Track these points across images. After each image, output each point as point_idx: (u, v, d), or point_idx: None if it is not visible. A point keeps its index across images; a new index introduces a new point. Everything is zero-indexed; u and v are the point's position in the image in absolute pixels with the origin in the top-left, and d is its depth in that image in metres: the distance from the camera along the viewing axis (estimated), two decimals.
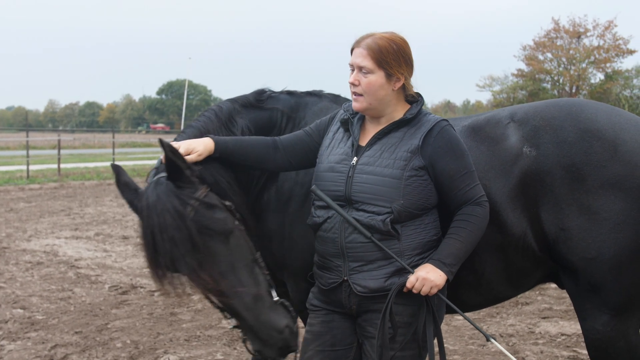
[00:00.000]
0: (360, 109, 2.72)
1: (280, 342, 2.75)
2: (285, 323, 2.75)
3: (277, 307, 2.78)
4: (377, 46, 2.64)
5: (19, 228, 11.65)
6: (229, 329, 5.90)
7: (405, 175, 2.59)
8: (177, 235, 2.61)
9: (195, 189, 2.73)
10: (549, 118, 2.90)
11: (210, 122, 3.21)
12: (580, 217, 2.74)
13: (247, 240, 2.84)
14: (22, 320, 6.22)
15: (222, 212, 2.74)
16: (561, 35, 43.60)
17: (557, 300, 6.94)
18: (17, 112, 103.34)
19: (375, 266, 2.63)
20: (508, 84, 47.12)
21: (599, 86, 42.10)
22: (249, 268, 2.77)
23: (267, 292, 2.78)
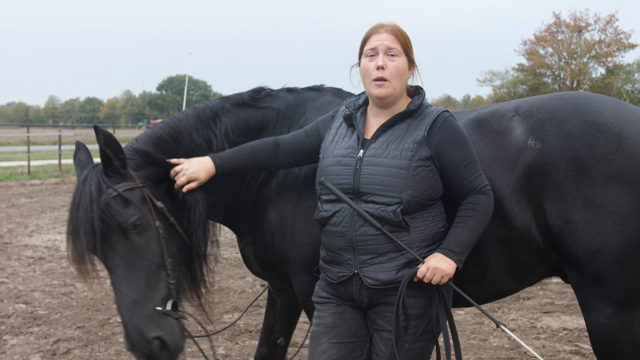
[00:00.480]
0: (385, 95, 2.68)
1: (146, 350, 2.77)
2: (155, 335, 2.76)
3: (159, 317, 2.79)
4: (400, 32, 2.72)
5: (20, 223, 11.65)
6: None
7: (413, 166, 2.60)
8: (82, 216, 2.76)
9: (122, 180, 2.85)
10: (553, 111, 2.88)
11: (185, 120, 3.21)
12: (584, 209, 2.73)
13: (162, 245, 2.87)
14: (25, 315, 6.22)
15: (134, 210, 2.80)
16: (562, 29, 43.53)
17: (559, 295, 6.94)
18: (17, 108, 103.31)
19: (386, 258, 2.63)
20: (509, 78, 47.11)
21: (600, 81, 42.03)
22: (147, 271, 2.80)
23: (156, 300, 2.80)
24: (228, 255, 9.07)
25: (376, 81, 2.67)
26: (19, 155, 30.17)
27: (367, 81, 2.72)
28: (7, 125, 60.47)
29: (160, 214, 2.91)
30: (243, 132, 3.32)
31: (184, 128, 3.18)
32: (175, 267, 2.92)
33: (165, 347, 2.80)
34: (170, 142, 3.11)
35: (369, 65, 2.70)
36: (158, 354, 2.79)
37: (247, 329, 5.82)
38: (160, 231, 2.87)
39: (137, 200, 2.84)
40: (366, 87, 2.76)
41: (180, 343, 2.86)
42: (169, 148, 3.10)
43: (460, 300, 2.86)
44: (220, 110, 3.31)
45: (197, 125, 3.23)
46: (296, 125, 3.37)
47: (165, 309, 2.82)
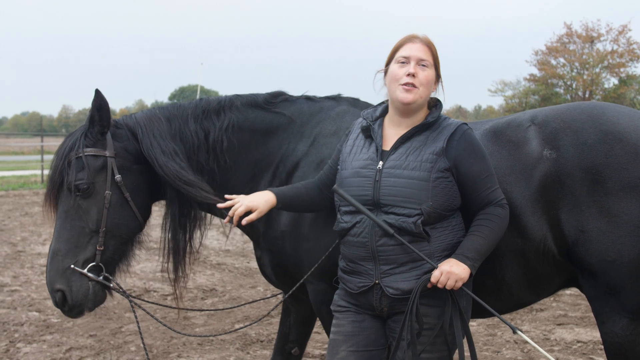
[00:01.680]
0: (411, 101, 2.69)
1: (52, 298, 3.03)
2: (58, 287, 2.99)
3: (71, 273, 2.99)
4: (432, 45, 2.77)
5: (33, 232, 11.73)
6: (240, 333, 5.91)
7: (433, 177, 2.61)
8: (53, 164, 3.14)
9: (94, 145, 3.10)
10: (569, 120, 2.88)
11: (186, 106, 3.35)
12: (600, 219, 2.72)
13: (103, 214, 3.05)
14: (38, 323, 6.25)
15: (85, 175, 3.04)
16: (574, 40, 43.32)
17: (572, 306, 6.88)
18: (31, 117, 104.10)
19: (407, 268, 2.64)
20: (520, 88, 46.91)
21: (613, 91, 41.75)
22: (80, 231, 3.03)
23: (77, 259, 3.00)
24: (239, 264, 9.08)
25: (405, 86, 2.69)
26: (33, 164, 30.41)
27: (394, 85, 2.73)
28: (20, 135, 61.02)
29: (116, 186, 3.09)
30: (247, 132, 3.36)
31: (181, 113, 3.30)
32: (111, 238, 3.09)
33: (66, 301, 3.00)
34: (163, 121, 3.25)
35: (399, 71, 2.71)
36: (59, 304, 3.02)
37: (258, 338, 5.82)
38: (106, 201, 3.05)
39: (94, 168, 3.06)
40: (392, 91, 2.75)
41: (83, 301, 3.02)
42: (161, 125, 3.22)
43: (475, 311, 2.85)
44: (228, 105, 3.37)
45: (196, 113, 3.32)
46: (309, 134, 3.37)
47: (80, 268, 3.00)
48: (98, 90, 3.10)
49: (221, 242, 10.80)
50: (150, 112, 3.34)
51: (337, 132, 3.33)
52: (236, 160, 3.36)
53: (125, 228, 3.15)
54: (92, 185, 3.05)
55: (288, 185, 3.11)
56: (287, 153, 3.36)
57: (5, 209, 15.01)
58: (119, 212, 3.10)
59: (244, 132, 3.36)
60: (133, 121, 3.26)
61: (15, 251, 9.86)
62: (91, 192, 3.05)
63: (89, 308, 3.07)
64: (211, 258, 9.46)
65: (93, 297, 3.05)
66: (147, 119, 3.26)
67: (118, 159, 3.13)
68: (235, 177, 3.37)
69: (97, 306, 3.11)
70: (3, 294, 7.33)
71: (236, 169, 3.37)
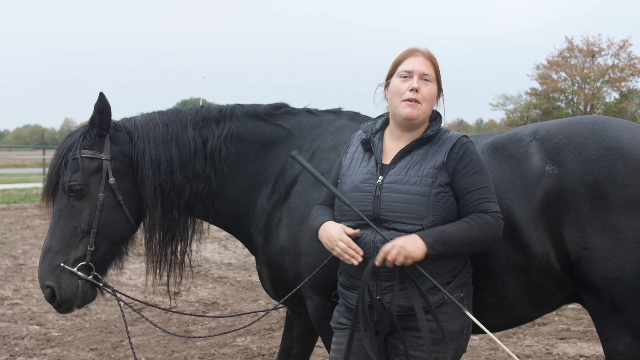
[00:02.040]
0: (415, 117, 2.66)
1: (43, 293, 3.12)
2: (47, 283, 3.08)
3: (60, 271, 3.06)
4: (434, 59, 2.74)
5: (35, 245, 11.70)
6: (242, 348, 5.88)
7: (434, 192, 2.57)
8: (52, 162, 3.21)
9: (91, 147, 3.16)
10: (571, 136, 2.86)
11: (187, 113, 3.38)
12: (603, 236, 2.71)
13: (95, 216, 3.11)
14: (38, 336, 6.23)
15: (79, 177, 3.09)
16: (575, 54, 43.44)
17: (575, 321, 6.85)
18: (33, 130, 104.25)
19: (408, 285, 2.59)
20: (522, 102, 46.98)
21: (614, 105, 41.80)
22: (72, 231, 3.10)
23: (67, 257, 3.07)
24: (241, 278, 9.05)
25: (408, 101, 2.66)
26: (34, 177, 30.43)
27: (396, 100, 2.70)
28: (22, 148, 61.12)
29: (109, 189, 3.14)
30: (246, 143, 3.37)
31: (180, 119, 3.33)
32: (102, 239, 3.15)
33: (55, 297, 3.09)
34: (160, 126, 3.29)
35: (401, 86, 2.68)
36: (49, 299, 3.12)
37: (260, 352, 5.79)
38: (99, 203, 3.11)
39: (89, 170, 3.12)
40: (394, 106, 2.72)
41: (71, 298, 3.10)
42: (157, 131, 3.26)
43: (476, 326, 2.84)
44: (229, 114, 3.39)
45: (196, 120, 3.35)
46: (309, 147, 3.37)
47: (71, 267, 3.07)
48: (102, 94, 3.17)
49: (222, 256, 10.78)
50: (150, 116, 3.38)
51: (336, 146, 3.33)
52: (234, 170, 3.37)
53: (117, 230, 3.20)
54: (86, 187, 3.11)
55: (319, 210, 2.91)
56: (285, 166, 3.37)
57: (7, 222, 15.00)
58: (111, 214, 3.15)
59: (242, 142, 3.37)
60: (132, 124, 3.31)
61: (16, 264, 9.84)
62: (85, 194, 3.11)
63: (78, 305, 3.14)
64: (212, 271, 9.43)
65: (82, 295, 3.12)
66: (145, 124, 3.30)
67: (114, 162, 3.18)
68: (234, 187, 3.38)
69: (86, 304, 3.18)
70: (4, 307, 7.30)
71: (234, 178, 3.37)
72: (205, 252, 3.32)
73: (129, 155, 3.24)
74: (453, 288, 2.63)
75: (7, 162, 44.68)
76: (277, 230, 3.26)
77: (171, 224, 3.31)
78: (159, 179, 3.21)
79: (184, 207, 3.31)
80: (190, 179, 3.26)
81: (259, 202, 3.39)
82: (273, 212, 3.32)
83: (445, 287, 2.60)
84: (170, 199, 3.24)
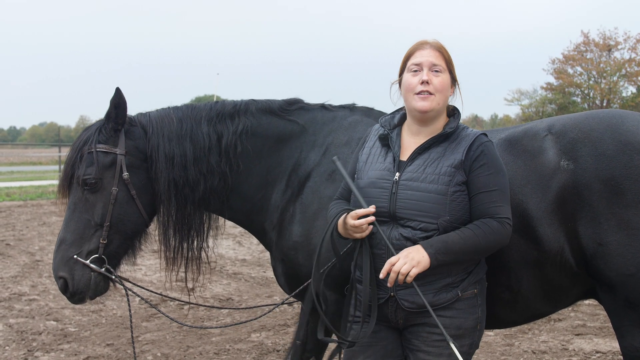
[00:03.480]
0: (428, 109, 2.63)
1: (56, 281, 3.16)
2: (61, 274, 3.13)
3: (74, 263, 3.11)
4: (443, 48, 2.70)
5: (51, 242, 11.81)
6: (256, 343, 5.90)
7: (451, 191, 2.55)
8: (69, 155, 3.25)
9: (107, 141, 3.19)
10: (587, 130, 2.82)
11: (202, 109, 3.39)
12: (619, 232, 2.68)
13: (109, 209, 3.15)
14: (56, 332, 6.29)
15: (94, 171, 3.13)
16: (591, 48, 43.05)
17: (591, 316, 6.80)
18: (49, 128, 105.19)
19: (423, 282, 2.57)
20: (537, 97, 46.66)
21: (631, 99, 41.40)
22: (86, 224, 3.14)
23: (81, 249, 3.12)
24: (255, 274, 9.08)
25: (420, 94, 2.63)
26: (50, 175, 30.69)
27: (409, 95, 2.67)
28: (38, 145, 61.67)
29: (123, 183, 3.17)
30: (260, 138, 3.38)
31: (194, 114, 3.35)
32: (115, 232, 3.18)
33: (68, 288, 3.14)
34: (174, 121, 3.30)
35: (412, 80, 2.66)
36: (62, 290, 3.17)
37: (275, 348, 5.81)
38: (112, 197, 3.14)
39: (103, 164, 3.16)
40: (408, 100, 2.69)
41: (84, 290, 3.15)
42: (171, 126, 3.28)
43: (490, 322, 2.83)
44: (243, 109, 3.40)
45: (211, 116, 3.36)
46: (322, 143, 3.37)
47: (83, 259, 3.12)
48: (118, 89, 3.19)
49: (237, 252, 10.82)
50: (164, 111, 3.40)
51: (349, 142, 3.32)
52: (249, 166, 3.38)
53: (130, 224, 3.23)
54: (100, 181, 3.15)
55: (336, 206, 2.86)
56: (299, 162, 3.38)
57: (24, 219, 15.15)
58: (124, 208, 3.19)
59: (257, 138, 3.38)
60: (146, 119, 3.33)
61: (33, 261, 9.94)
62: (98, 187, 3.15)
63: (90, 297, 3.19)
64: (227, 267, 9.47)
65: (94, 287, 3.16)
66: (160, 119, 3.33)
67: (128, 156, 3.22)
68: (248, 183, 3.39)
69: (98, 296, 3.22)
70: (21, 303, 7.39)
71: (248, 174, 3.38)
72: (219, 249, 3.34)
73: (143, 150, 3.26)
74: (467, 285, 2.62)
75: (24, 160, 45.12)
76: (291, 225, 3.27)
77: (186, 218, 3.33)
78: (173, 174, 3.23)
79: (199, 202, 3.32)
80: (204, 174, 3.28)
81: (273, 198, 3.40)
82: (286, 208, 3.34)
83: (460, 284, 2.60)
84: (185, 194, 3.26)
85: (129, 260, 3.36)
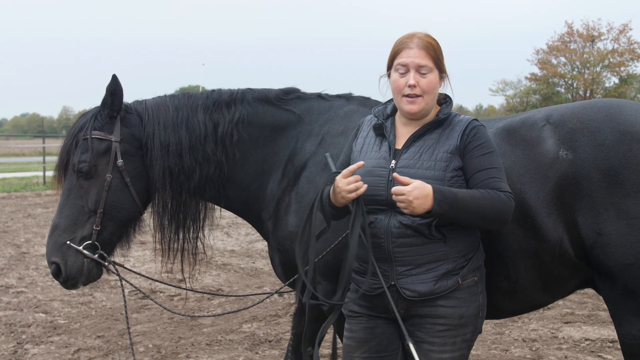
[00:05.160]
0: (417, 111, 2.62)
1: (49, 266, 3.18)
2: (53, 260, 3.14)
3: (67, 248, 3.12)
4: (430, 45, 2.64)
5: (37, 233, 11.72)
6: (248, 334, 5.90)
7: (448, 177, 2.54)
8: (65, 140, 3.27)
9: (102, 128, 3.20)
10: (586, 120, 2.82)
11: (198, 97, 3.39)
12: (618, 221, 2.68)
13: (102, 196, 3.15)
14: (45, 324, 6.25)
15: (88, 158, 3.14)
16: (575, 39, 43.25)
17: (579, 305, 6.87)
18: (31, 118, 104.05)
19: (424, 269, 2.57)
20: (521, 88, 46.88)
21: (614, 90, 41.71)
22: (79, 210, 3.15)
23: (74, 235, 3.13)
24: (245, 265, 9.07)
25: (407, 97, 2.61)
26: (34, 166, 30.40)
27: (397, 96, 2.66)
28: (21, 136, 60.97)
29: (117, 170, 3.18)
30: (256, 127, 3.38)
31: (191, 103, 3.34)
32: (109, 219, 3.18)
33: (61, 273, 3.15)
34: (170, 109, 3.30)
35: (400, 81, 2.63)
36: (54, 275, 3.18)
37: (267, 338, 5.81)
38: (106, 184, 3.15)
39: (98, 151, 3.16)
40: (397, 101, 2.68)
41: (77, 276, 3.15)
42: (167, 114, 3.28)
43: (489, 313, 2.83)
44: (239, 98, 3.40)
45: (207, 104, 3.36)
46: (317, 133, 3.36)
47: (77, 245, 3.12)
48: (115, 76, 3.20)
49: (226, 243, 10.80)
50: (161, 99, 3.40)
51: (345, 131, 3.31)
52: (245, 155, 3.37)
53: (124, 212, 3.23)
54: (95, 168, 3.16)
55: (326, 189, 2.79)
56: (295, 151, 3.37)
57: (8, 211, 15.00)
58: (118, 195, 3.19)
59: (253, 127, 3.38)
60: (142, 107, 3.33)
61: (19, 253, 9.85)
62: (93, 174, 3.16)
63: (83, 282, 3.19)
64: (216, 258, 9.45)
65: (87, 273, 3.17)
66: (156, 107, 3.33)
67: (123, 144, 3.21)
68: (244, 172, 3.39)
69: (91, 282, 3.22)
70: (9, 296, 7.32)
71: (244, 163, 3.38)
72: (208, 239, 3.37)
73: (138, 137, 3.26)
74: (467, 272, 2.61)
75: (6, 151, 44.66)
76: (287, 215, 3.27)
77: (181, 206, 3.32)
78: (168, 162, 3.22)
79: (194, 190, 3.31)
80: (200, 162, 3.27)
81: (269, 187, 3.39)
82: (282, 198, 3.33)
83: (460, 271, 2.59)
84: (180, 182, 3.25)
85: (122, 248, 3.36)
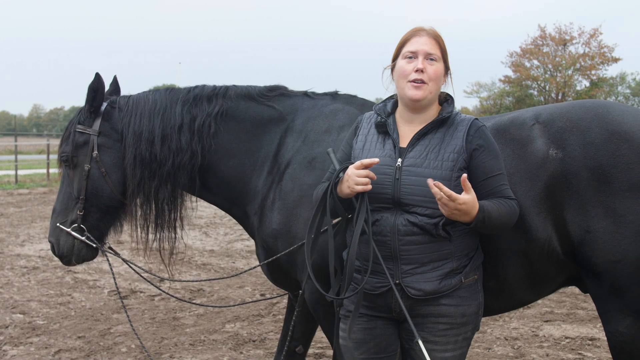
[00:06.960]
0: (421, 97, 2.62)
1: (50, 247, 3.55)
2: (50, 239, 3.52)
3: (59, 230, 3.46)
4: (439, 37, 2.70)
5: (11, 233, 11.51)
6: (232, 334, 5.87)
7: (454, 176, 2.55)
8: (63, 135, 3.56)
9: (84, 122, 3.46)
10: (575, 119, 2.87)
11: (178, 92, 3.50)
12: (606, 219, 2.73)
13: (83, 184, 3.41)
14: (23, 325, 6.14)
15: (69, 149, 3.44)
16: (547, 42, 43.97)
17: (558, 303, 6.98)
18: (1, 116, 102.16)
19: (429, 268, 2.58)
20: (495, 90, 47.47)
21: (585, 93, 42.44)
22: (68, 196, 3.47)
23: (65, 219, 3.46)
24: (225, 264, 9.02)
25: (413, 82, 2.62)
26: (5, 164, 29.83)
27: (402, 82, 2.66)
28: None
29: (95, 161, 3.42)
30: (235, 122, 3.43)
31: (172, 96, 3.47)
32: (91, 205, 3.45)
33: (58, 253, 3.52)
34: (150, 101, 3.46)
35: (407, 67, 2.64)
36: (53, 252, 3.55)
37: (250, 338, 5.79)
38: (84, 173, 3.42)
39: (78, 143, 3.45)
40: (401, 87, 2.68)
41: (69, 254, 3.48)
42: (145, 106, 3.44)
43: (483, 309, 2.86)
44: (222, 93, 3.49)
45: (187, 98, 3.46)
46: (301, 130, 3.37)
47: (65, 227, 3.45)
48: (98, 74, 3.44)
49: (205, 243, 10.73)
50: (145, 93, 3.56)
51: (329, 129, 3.32)
52: (225, 147, 3.42)
53: (103, 199, 3.46)
54: (75, 158, 3.45)
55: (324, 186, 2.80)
56: (279, 148, 3.38)
57: None
58: (96, 184, 3.43)
59: (232, 121, 3.43)
60: (125, 101, 3.51)
61: None
62: (75, 164, 3.45)
63: (75, 260, 3.51)
64: (196, 258, 9.38)
65: (77, 252, 3.48)
66: (137, 100, 3.50)
67: (102, 137, 3.43)
68: (224, 163, 3.42)
69: (83, 261, 3.52)
70: None
71: (224, 155, 3.42)
72: (186, 239, 3.41)
73: (118, 130, 3.42)
74: (469, 271, 2.64)
75: None
76: (271, 212, 3.27)
77: (153, 190, 3.42)
78: (140, 149, 3.36)
79: (167, 177, 3.39)
80: (174, 151, 3.36)
81: (253, 183, 3.40)
82: (267, 194, 3.33)
83: (463, 269, 2.62)
84: (152, 169, 3.36)
85: (112, 236, 3.63)
